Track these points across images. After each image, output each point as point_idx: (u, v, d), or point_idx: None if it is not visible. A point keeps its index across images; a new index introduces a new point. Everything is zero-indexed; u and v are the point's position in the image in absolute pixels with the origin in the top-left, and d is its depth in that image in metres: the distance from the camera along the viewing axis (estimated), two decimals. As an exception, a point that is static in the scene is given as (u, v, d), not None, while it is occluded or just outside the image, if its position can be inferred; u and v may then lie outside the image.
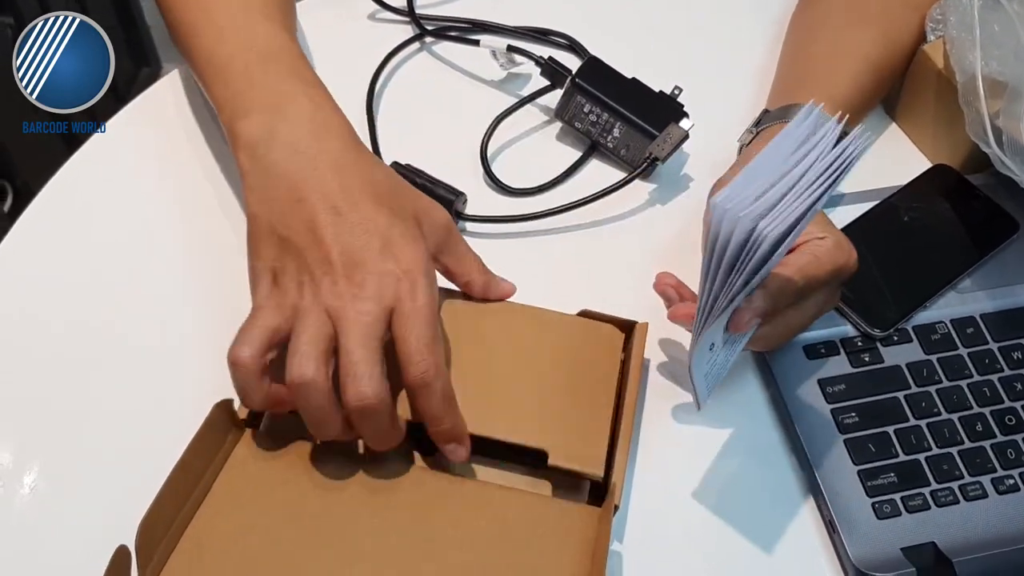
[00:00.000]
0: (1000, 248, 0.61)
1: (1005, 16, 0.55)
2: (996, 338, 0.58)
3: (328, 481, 0.48)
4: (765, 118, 0.61)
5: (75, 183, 0.65)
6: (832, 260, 0.52)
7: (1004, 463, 0.54)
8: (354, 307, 0.45)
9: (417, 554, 0.46)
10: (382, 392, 0.44)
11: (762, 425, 0.56)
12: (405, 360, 0.45)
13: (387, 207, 0.48)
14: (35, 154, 1.27)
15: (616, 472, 0.49)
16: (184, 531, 0.46)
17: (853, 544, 0.51)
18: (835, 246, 0.53)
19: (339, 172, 0.49)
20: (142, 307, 0.59)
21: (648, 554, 0.52)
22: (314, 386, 0.44)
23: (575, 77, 0.65)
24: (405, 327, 0.45)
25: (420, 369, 0.45)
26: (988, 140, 0.56)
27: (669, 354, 0.59)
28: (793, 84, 0.64)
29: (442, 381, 0.46)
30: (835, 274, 0.52)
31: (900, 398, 0.56)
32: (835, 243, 0.53)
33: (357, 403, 0.44)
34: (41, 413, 0.55)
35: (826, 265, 0.52)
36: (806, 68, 0.65)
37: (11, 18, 1.21)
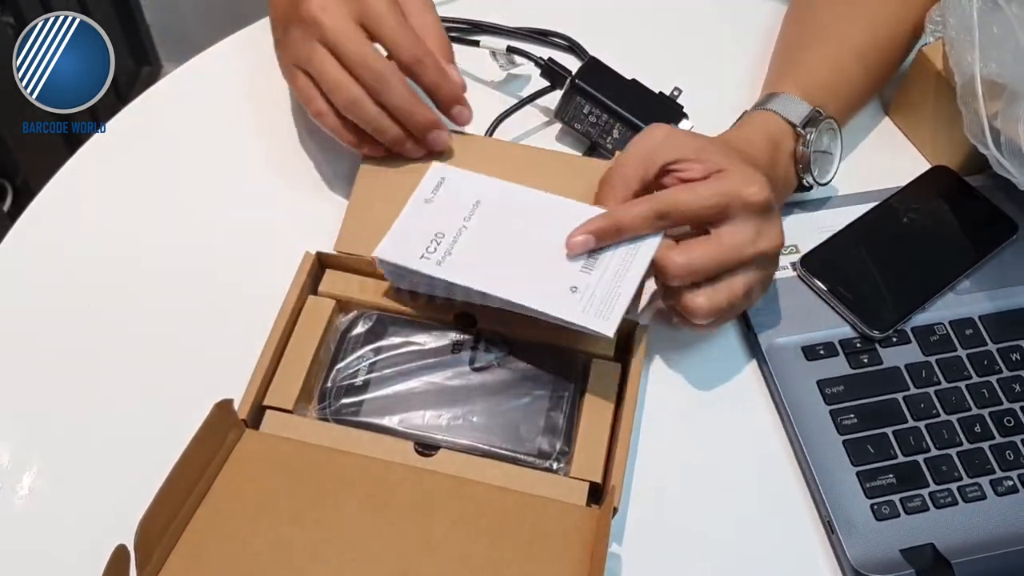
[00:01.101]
0: (999, 249, 0.61)
1: (1004, 18, 0.55)
2: (995, 339, 0.58)
3: (328, 481, 0.48)
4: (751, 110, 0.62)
5: (75, 183, 0.65)
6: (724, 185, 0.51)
7: (1003, 464, 0.54)
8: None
9: (417, 555, 0.46)
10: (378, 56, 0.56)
11: (761, 426, 0.57)
12: (392, 49, 0.57)
13: None
14: (35, 153, 1.27)
15: (615, 474, 0.49)
16: (183, 531, 0.46)
17: (852, 545, 0.51)
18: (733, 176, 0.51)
19: None
20: (143, 307, 0.59)
21: (647, 556, 0.52)
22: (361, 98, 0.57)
23: (575, 78, 0.65)
24: (379, 29, 0.56)
25: (409, 53, 0.56)
26: (986, 142, 0.56)
27: (669, 357, 0.59)
28: (777, 75, 0.65)
29: (429, 56, 0.57)
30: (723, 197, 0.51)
31: (899, 399, 0.56)
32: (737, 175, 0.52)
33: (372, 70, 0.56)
34: (41, 412, 0.55)
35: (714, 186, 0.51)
36: (791, 58, 0.65)
37: (11, 17, 1.22)
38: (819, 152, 0.60)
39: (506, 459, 0.51)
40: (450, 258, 0.53)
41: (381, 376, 0.53)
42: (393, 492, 0.48)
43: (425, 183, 0.57)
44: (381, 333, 0.55)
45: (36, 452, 0.54)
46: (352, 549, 0.46)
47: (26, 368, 0.57)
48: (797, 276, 0.60)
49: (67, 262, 0.61)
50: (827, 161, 0.62)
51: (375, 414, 0.52)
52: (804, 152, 0.59)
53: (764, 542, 0.53)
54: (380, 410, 0.52)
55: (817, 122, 0.60)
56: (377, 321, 0.55)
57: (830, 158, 0.62)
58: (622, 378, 0.54)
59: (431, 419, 0.52)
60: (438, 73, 0.58)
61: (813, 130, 0.59)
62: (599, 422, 0.52)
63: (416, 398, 0.53)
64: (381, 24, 0.56)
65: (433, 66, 0.57)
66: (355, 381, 0.53)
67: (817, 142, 0.60)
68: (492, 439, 0.51)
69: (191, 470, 0.47)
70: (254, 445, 0.50)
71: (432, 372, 0.54)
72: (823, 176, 0.62)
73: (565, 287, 0.52)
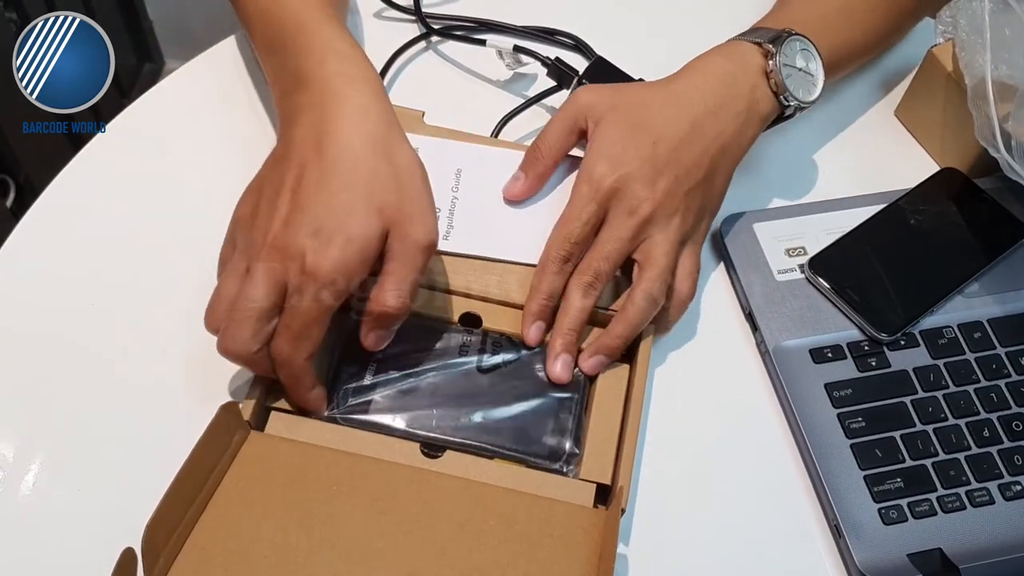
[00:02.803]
0: (1008, 252, 0.61)
1: (1016, 20, 0.55)
2: (1004, 343, 0.58)
3: (334, 483, 0.48)
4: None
5: (78, 182, 0.65)
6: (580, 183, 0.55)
7: (1011, 469, 0.54)
8: (244, 291, 0.47)
9: (424, 556, 0.46)
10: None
11: (767, 429, 0.56)
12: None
13: (354, 197, 0.47)
14: (38, 149, 1.27)
15: (622, 476, 0.49)
16: (190, 533, 0.46)
17: (859, 549, 0.51)
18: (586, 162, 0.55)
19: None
20: (147, 305, 0.59)
21: (654, 557, 0.51)
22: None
23: (582, 78, 0.65)
24: (284, 321, 0.47)
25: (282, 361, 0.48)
26: (997, 144, 0.56)
27: (675, 358, 0.58)
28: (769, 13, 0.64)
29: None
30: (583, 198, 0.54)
31: (907, 403, 0.56)
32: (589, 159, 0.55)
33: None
34: (44, 413, 0.55)
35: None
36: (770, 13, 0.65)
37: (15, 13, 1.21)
38: (794, 69, 0.58)
39: (515, 461, 0.51)
40: (454, 231, 0.55)
41: (388, 377, 0.53)
42: (399, 494, 0.48)
43: None
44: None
45: (40, 454, 0.54)
46: (358, 551, 0.46)
47: (28, 366, 0.57)
48: (804, 278, 0.60)
49: (71, 261, 0.61)
50: (807, 80, 0.59)
51: (383, 414, 0.52)
52: (775, 68, 0.57)
53: (771, 545, 0.52)
54: (388, 410, 0.52)
55: (783, 39, 0.57)
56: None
57: (811, 78, 0.59)
58: (628, 379, 0.54)
59: (440, 420, 0.52)
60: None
61: (780, 46, 0.57)
62: (607, 424, 0.52)
63: (424, 399, 0.52)
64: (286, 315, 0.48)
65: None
66: (362, 381, 0.52)
67: (790, 59, 0.57)
68: (502, 441, 0.51)
69: (197, 472, 0.46)
70: (259, 447, 0.49)
71: (440, 373, 0.53)
72: (806, 95, 0.58)
73: None
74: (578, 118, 0.56)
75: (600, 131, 0.55)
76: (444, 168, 0.59)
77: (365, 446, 0.50)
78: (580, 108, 0.56)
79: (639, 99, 0.57)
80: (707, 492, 0.54)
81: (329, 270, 0.46)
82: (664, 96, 0.57)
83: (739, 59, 0.58)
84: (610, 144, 0.54)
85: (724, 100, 0.56)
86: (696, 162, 0.55)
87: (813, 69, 0.59)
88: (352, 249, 0.46)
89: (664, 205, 0.54)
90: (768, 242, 0.62)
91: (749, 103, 0.57)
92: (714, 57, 0.58)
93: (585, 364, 0.54)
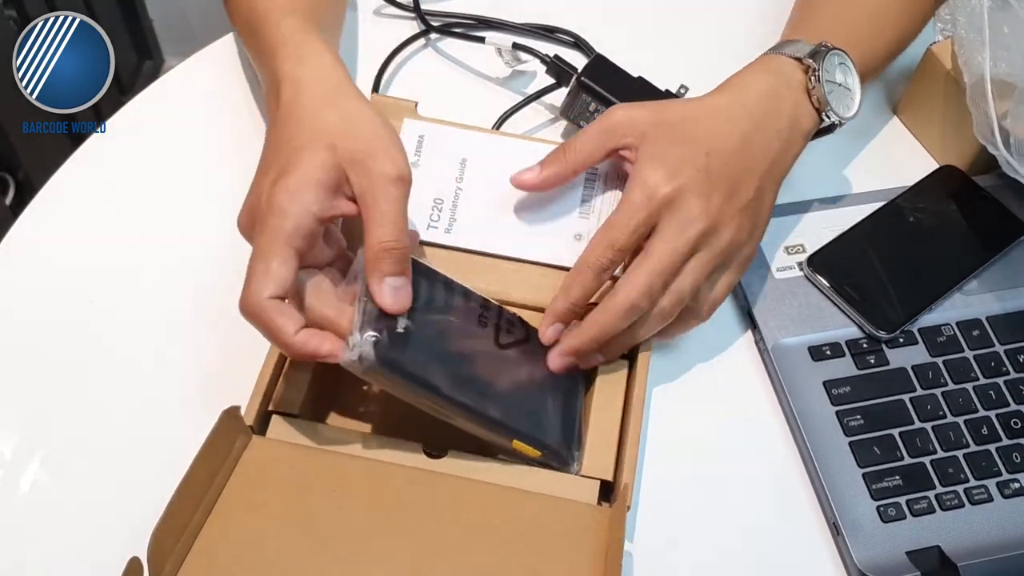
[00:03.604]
0: (1007, 250, 0.61)
1: (1014, 17, 0.55)
2: (1002, 341, 0.58)
3: (338, 485, 0.48)
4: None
5: (77, 180, 0.65)
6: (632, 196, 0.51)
7: (1010, 467, 0.54)
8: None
9: (429, 558, 0.46)
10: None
11: (766, 426, 0.56)
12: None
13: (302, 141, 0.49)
14: (37, 147, 1.27)
15: (626, 472, 0.49)
16: (195, 540, 0.46)
17: (857, 547, 0.51)
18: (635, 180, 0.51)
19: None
20: (146, 304, 0.59)
21: (655, 554, 0.52)
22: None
23: (580, 75, 0.65)
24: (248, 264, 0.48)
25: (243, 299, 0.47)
26: (995, 142, 0.56)
27: (674, 356, 0.58)
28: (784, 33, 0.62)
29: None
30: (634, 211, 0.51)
31: (905, 401, 0.56)
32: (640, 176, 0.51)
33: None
34: (43, 411, 0.55)
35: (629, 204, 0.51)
36: (798, 17, 0.63)
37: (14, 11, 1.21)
38: (835, 84, 0.56)
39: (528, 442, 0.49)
40: (456, 224, 0.54)
41: (420, 330, 0.49)
42: (403, 495, 0.48)
43: (404, 144, 0.56)
44: (416, 283, 0.50)
45: (41, 458, 0.54)
46: (363, 553, 0.46)
47: (27, 363, 0.57)
48: (803, 276, 0.60)
49: (70, 258, 0.61)
50: (846, 96, 0.57)
51: (421, 369, 0.47)
52: (817, 84, 0.55)
53: (769, 543, 0.53)
54: (424, 365, 0.48)
55: (824, 54, 0.56)
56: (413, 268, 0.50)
57: (849, 92, 0.58)
58: (629, 376, 0.54)
59: (472, 389, 0.49)
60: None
61: (821, 61, 0.56)
62: (608, 420, 0.52)
63: (456, 362, 0.50)
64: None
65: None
66: (396, 327, 0.48)
67: (830, 74, 0.56)
68: (520, 420, 0.49)
69: (201, 479, 0.46)
70: (262, 452, 0.49)
71: (466, 338, 0.51)
72: (846, 111, 0.57)
73: (569, 236, 0.56)
74: (614, 134, 0.53)
75: (649, 143, 0.52)
76: (449, 156, 0.58)
77: (367, 449, 0.50)
78: (616, 124, 0.53)
79: (681, 115, 0.54)
80: (706, 490, 0.54)
81: (279, 199, 0.47)
82: (708, 111, 0.54)
83: (780, 75, 0.56)
84: (663, 153, 0.52)
85: (768, 116, 0.54)
86: (747, 178, 0.53)
87: (851, 84, 0.58)
88: (299, 175, 0.47)
89: (718, 221, 0.51)
90: (767, 240, 0.61)
91: (792, 120, 0.55)
92: (755, 73, 0.56)
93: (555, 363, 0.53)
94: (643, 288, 0.50)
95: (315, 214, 0.47)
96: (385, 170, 0.48)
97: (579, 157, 0.54)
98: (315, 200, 0.47)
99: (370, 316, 0.47)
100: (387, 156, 0.49)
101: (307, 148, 0.48)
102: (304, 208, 0.47)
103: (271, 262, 0.46)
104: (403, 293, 0.48)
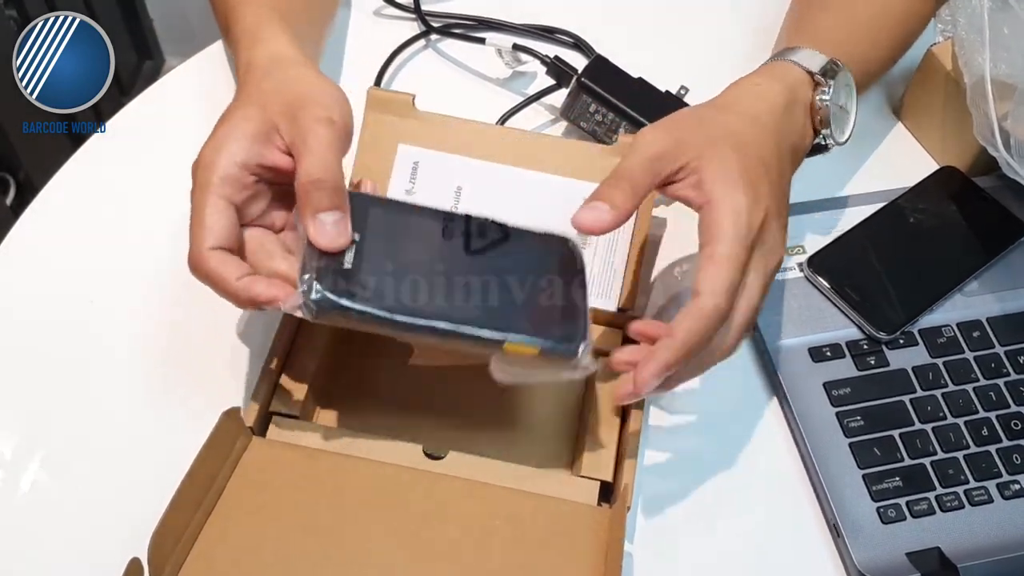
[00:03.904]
0: (1007, 251, 0.61)
1: (1015, 18, 0.55)
2: (1002, 342, 0.58)
3: (338, 486, 0.48)
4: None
5: (77, 180, 0.65)
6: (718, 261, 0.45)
7: (1010, 468, 0.54)
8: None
9: (430, 560, 0.46)
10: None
11: (766, 427, 0.56)
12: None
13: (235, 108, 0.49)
14: (37, 147, 1.27)
15: (626, 473, 0.49)
16: (195, 541, 0.46)
17: (857, 548, 0.51)
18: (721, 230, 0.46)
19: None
20: (146, 304, 0.59)
21: (654, 555, 0.52)
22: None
23: (581, 76, 0.65)
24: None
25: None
26: (996, 143, 0.56)
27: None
28: (789, 36, 0.60)
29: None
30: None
31: (905, 402, 0.56)
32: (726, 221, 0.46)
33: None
34: (43, 411, 0.55)
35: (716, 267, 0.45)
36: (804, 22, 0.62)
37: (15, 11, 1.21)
38: (836, 106, 0.55)
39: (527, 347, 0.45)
40: None
41: (369, 262, 0.46)
42: (403, 497, 0.48)
43: (399, 170, 0.55)
44: (363, 215, 0.47)
45: (41, 459, 0.54)
46: (364, 555, 0.46)
47: (27, 363, 0.57)
48: (804, 277, 0.60)
49: (70, 258, 0.61)
50: (843, 119, 0.56)
51: (374, 302, 0.44)
52: (823, 104, 0.54)
53: (769, 544, 0.53)
54: (377, 297, 0.44)
55: (835, 73, 0.54)
56: (355, 202, 0.47)
57: (847, 116, 0.56)
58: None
59: (439, 306, 0.45)
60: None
61: (832, 81, 0.54)
62: (608, 420, 0.52)
63: (416, 284, 0.46)
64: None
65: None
66: (342, 264, 0.45)
67: (835, 95, 0.54)
68: (504, 322, 0.45)
69: (201, 481, 0.46)
70: (262, 453, 0.49)
71: (427, 255, 0.47)
72: (840, 135, 0.56)
73: None
74: (667, 161, 0.48)
75: (714, 164, 0.47)
76: (444, 184, 0.57)
77: (366, 450, 0.50)
78: (665, 151, 0.48)
79: (723, 127, 0.50)
80: (706, 491, 0.54)
81: (204, 154, 0.47)
82: (742, 120, 0.51)
83: (792, 89, 0.54)
84: (737, 172, 0.47)
85: (786, 131, 0.52)
86: (788, 190, 0.51)
87: (850, 107, 0.56)
88: (223, 130, 0.48)
89: (783, 246, 0.49)
90: (767, 241, 0.62)
91: (800, 137, 0.54)
92: (769, 82, 0.54)
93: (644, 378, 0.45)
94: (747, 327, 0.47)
95: (240, 162, 0.47)
96: (315, 114, 0.47)
97: (640, 193, 0.48)
98: (240, 149, 0.47)
99: (311, 258, 0.44)
100: (318, 104, 0.48)
101: (236, 109, 0.49)
102: (228, 158, 0.47)
103: (204, 214, 0.46)
104: (339, 227, 0.46)
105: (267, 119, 0.48)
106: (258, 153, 0.47)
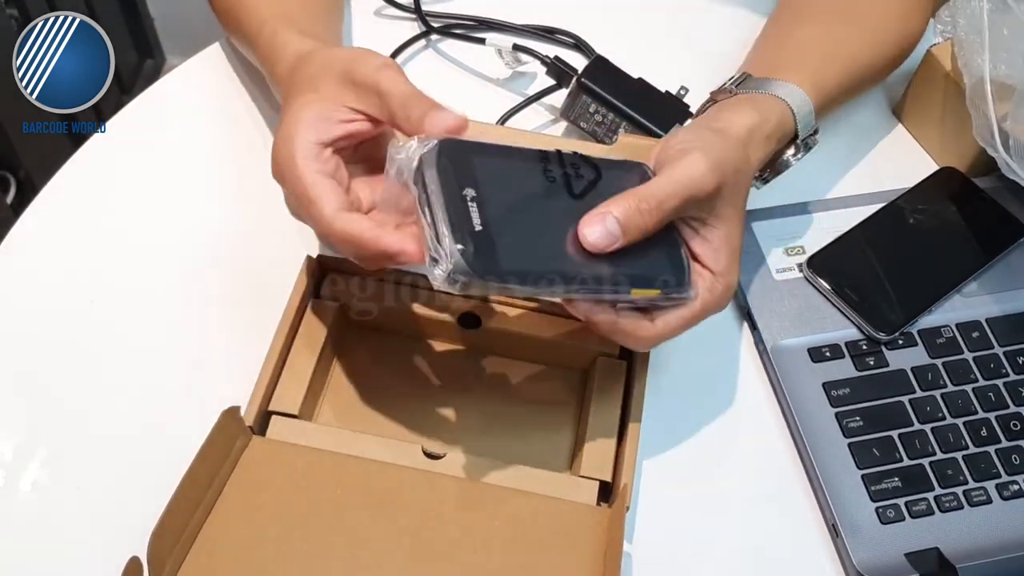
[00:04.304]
0: (1006, 252, 0.61)
1: (1014, 19, 0.55)
2: (1002, 342, 0.58)
3: (337, 487, 0.48)
4: (746, 83, 0.58)
5: (77, 179, 0.65)
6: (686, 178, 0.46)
7: (1009, 468, 0.54)
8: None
9: (430, 559, 0.46)
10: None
11: (765, 427, 0.56)
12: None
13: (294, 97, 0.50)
14: (38, 147, 1.27)
15: (625, 473, 0.49)
16: (195, 540, 0.46)
17: (856, 549, 0.51)
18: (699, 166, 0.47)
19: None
20: (145, 304, 0.59)
21: (654, 555, 0.52)
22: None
23: (581, 77, 0.65)
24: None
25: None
26: (995, 144, 0.56)
27: (673, 356, 0.58)
28: (775, 62, 0.60)
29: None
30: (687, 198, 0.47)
31: (905, 402, 0.56)
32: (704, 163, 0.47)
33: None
34: (43, 411, 0.55)
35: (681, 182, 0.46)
36: (791, 49, 0.62)
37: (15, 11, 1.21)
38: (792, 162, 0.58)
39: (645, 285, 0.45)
40: None
41: (497, 221, 0.42)
42: (403, 496, 0.48)
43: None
44: (467, 165, 0.44)
45: (41, 457, 0.54)
46: (363, 555, 0.46)
47: (27, 363, 0.57)
48: (803, 277, 0.60)
49: (71, 258, 0.61)
50: (784, 172, 0.58)
51: (516, 263, 0.42)
52: (790, 161, 0.57)
53: (768, 544, 0.53)
54: (518, 258, 0.42)
55: (814, 140, 0.57)
56: (457, 151, 0.44)
57: (789, 168, 0.58)
58: (628, 376, 0.54)
59: (568, 268, 0.43)
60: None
61: (806, 152, 0.57)
62: (607, 420, 0.52)
63: (545, 244, 0.44)
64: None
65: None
66: (474, 226, 0.42)
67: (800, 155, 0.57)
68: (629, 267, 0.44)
69: (200, 479, 0.46)
70: (261, 452, 0.49)
71: (543, 204, 0.45)
72: (763, 184, 0.59)
73: None
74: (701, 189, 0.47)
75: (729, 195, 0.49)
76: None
77: (367, 449, 0.50)
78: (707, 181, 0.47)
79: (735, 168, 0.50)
80: (705, 491, 0.54)
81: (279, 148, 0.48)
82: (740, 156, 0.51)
83: (780, 137, 0.55)
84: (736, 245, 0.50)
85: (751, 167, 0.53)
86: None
87: (795, 164, 0.58)
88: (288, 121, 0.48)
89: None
90: (767, 241, 0.62)
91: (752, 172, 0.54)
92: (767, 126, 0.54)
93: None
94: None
95: (314, 141, 0.48)
96: (370, 69, 0.48)
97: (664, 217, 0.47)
98: (311, 129, 0.48)
99: (450, 225, 0.41)
100: (365, 63, 0.49)
101: (292, 99, 0.50)
102: (303, 139, 0.47)
103: (308, 191, 0.46)
104: (452, 112, 0.46)
105: (324, 98, 0.49)
106: (326, 130, 0.48)
